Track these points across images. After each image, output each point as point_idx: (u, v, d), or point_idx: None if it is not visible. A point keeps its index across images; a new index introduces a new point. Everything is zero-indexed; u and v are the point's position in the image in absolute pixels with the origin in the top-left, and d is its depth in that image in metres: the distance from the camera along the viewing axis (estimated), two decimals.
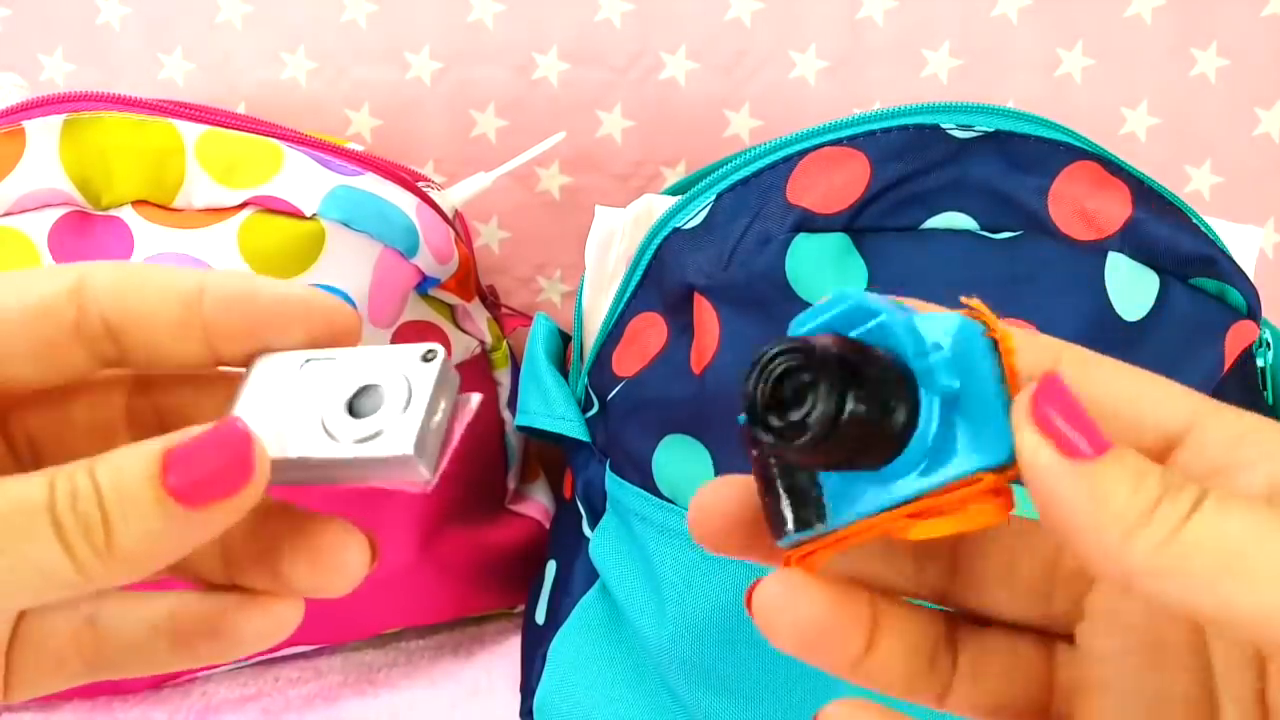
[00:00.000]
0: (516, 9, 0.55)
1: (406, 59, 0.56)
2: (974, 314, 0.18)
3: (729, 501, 0.21)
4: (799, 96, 0.56)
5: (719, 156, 0.45)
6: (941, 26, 0.55)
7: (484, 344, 0.51)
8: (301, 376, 0.20)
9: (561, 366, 0.48)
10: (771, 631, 0.20)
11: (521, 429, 0.47)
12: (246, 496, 0.18)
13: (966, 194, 0.38)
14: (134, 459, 0.18)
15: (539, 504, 0.54)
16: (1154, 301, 0.37)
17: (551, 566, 0.47)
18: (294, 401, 0.20)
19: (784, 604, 0.20)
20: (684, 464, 0.40)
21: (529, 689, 0.45)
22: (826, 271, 0.38)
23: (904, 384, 0.17)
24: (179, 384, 0.22)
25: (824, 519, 0.19)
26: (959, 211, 0.38)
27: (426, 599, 0.50)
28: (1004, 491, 0.18)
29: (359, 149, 0.47)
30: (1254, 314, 0.39)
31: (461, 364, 0.50)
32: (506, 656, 0.50)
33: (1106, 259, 0.37)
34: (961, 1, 0.55)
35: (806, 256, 0.38)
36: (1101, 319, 0.37)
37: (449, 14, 0.55)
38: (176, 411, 0.22)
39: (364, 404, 0.20)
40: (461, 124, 0.57)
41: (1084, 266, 0.37)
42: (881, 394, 0.17)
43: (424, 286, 0.46)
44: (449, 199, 0.48)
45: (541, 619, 0.46)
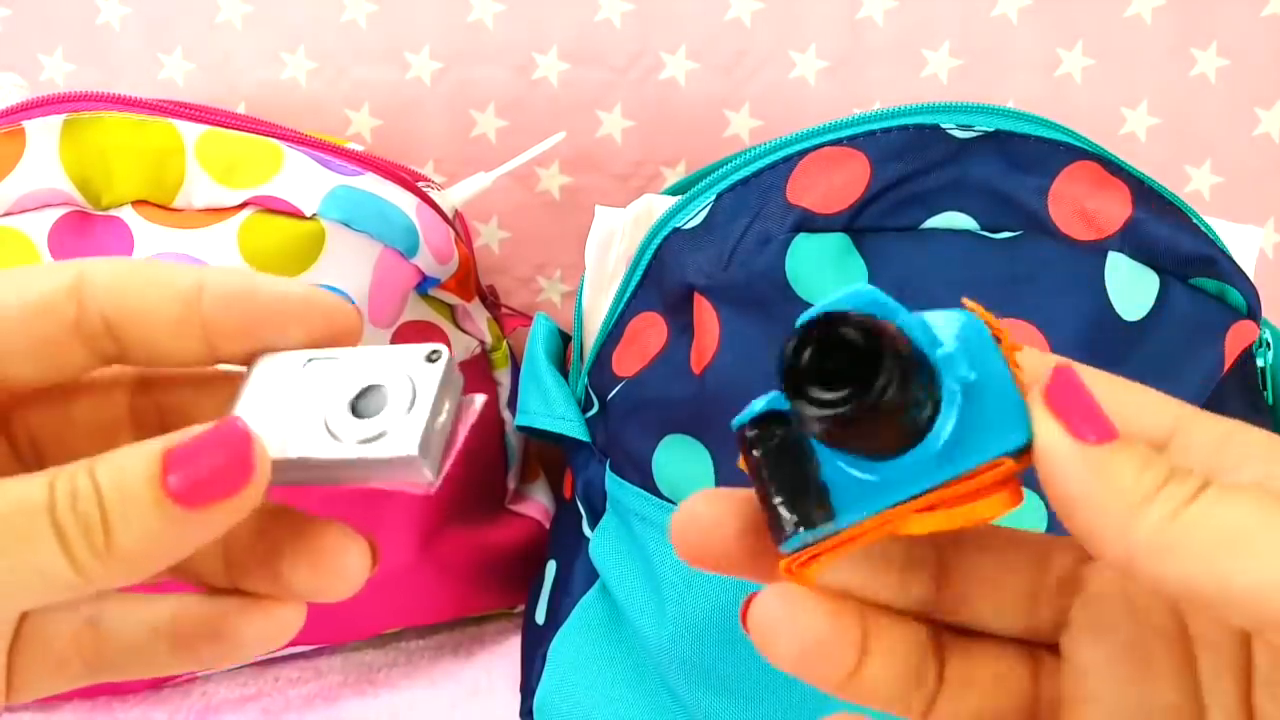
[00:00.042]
0: (516, 9, 0.55)
1: (406, 59, 0.56)
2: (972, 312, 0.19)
3: (710, 516, 0.20)
4: (799, 96, 0.56)
5: (719, 156, 0.45)
6: (941, 26, 0.55)
7: (484, 344, 0.51)
8: (303, 376, 0.20)
9: (561, 366, 0.48)
10: (770, 646, 0.20)
11: (521, 429, 0.47)
12: (247, 497, 0.18)
13: (966, 194, 0.38)
14: (134, 459, 0.18)
15: (539, 504, 0.54)
16: (1154, 301, 0.37)
17: (551, 566, 0.47)
18: (296, 401, 0.20)
19: (783, 618, 0.20)
20: (684, 464, 0.40)
21: (529, 689, 0.45)
22: (826, 271, 0.38)
23: (933, 374, 0.18)
24: (182, 383, 0.22)
25: (832, 517, 0.19)
26: (959, 211, 0.38)
27: (426, 599, 0.50)
28: (1012, 482, 0.18)
29: (359, 149, 0.47)
30: (1254, 314, 0.39)
31: (461, 364, 0.50)
32: (506, 656, 0.50)
33: (1106, 259, 0.37)
34: (961, 1, 0.55)
35: (806, 256, 0.38)
36: (1101, 319, 0.37)
37: (449, 14, 0.55)
38: (179, 411, 0.22)
39: (367, 404, 0.20)
40: (461, 124, 0.57)
41: (1084, 266, 0.37)
42: (920, 379, 0.18)
43: (424, 286, 0.46)
44: (449, 199, 0.48)
45: (541, 619, 0.46)
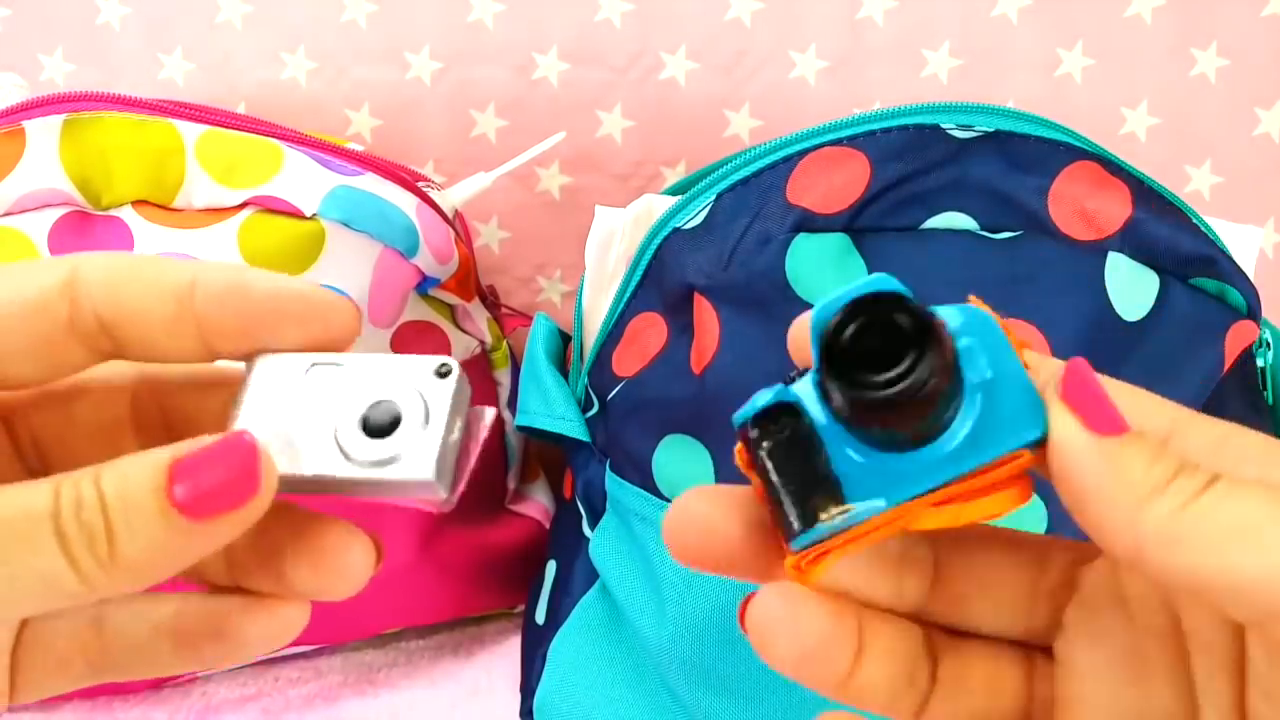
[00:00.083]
0: (516, 9, 0.55)
1: (406, 59, 0.56)
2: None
3: (709, 515, 0.20)
4: (799, 96, 0.56)
5: (719, 156, 0.45)
6: (941, 26, 0.55)
7: (484, 344, 0.51)
8: (307, 383, 0.20)
9: (561, 366, 0.48)
10: (769, 647, 0.19)
11: (521, 429, 0.47)
12: (252, 510, 0.18)
13: (966, 194, 0.38)
14: (140, 468, 0.17)
15: (539, 504, 0.54)
16: (1154, 301, 0.37)
17: (551, 566, 0.47)
18: (302, 411, 0.20)
19: (783, 618, 0.19)
20: (684, 464, 0.40)
21: (529, 689, 0.45)
22: (826, 271, 0.38)
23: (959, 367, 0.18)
24: (185, 385, 0.22)
25: (845, 511, 0.18)
26: (959, 211, 0.38)
27: (426, 599, 0.50)
28: (1024, 478, 0.19)
29: (359, 149, 0.47)
30: (1254, 314, 0.39)
31: (462, 364, 0.50)
32: (506, 656, 0.50)
33: (1106, 259, 0.37)
34: (961, 1, 0.55)
35: (806, 256, 0.38)
36: (1101, 319, 0.37)
37: (449, 14, 0.55)
38: (181, 411, 0.22)
39: (379, 421, 0.19)
40: (461, 124, 0.57)
41: (1084, 266, 0.37)
42: (955, 370, 0.18)
43: (424, 286, 0.46)
44: (449, 199, 0.48)
45: (541, 619, 0.46)
